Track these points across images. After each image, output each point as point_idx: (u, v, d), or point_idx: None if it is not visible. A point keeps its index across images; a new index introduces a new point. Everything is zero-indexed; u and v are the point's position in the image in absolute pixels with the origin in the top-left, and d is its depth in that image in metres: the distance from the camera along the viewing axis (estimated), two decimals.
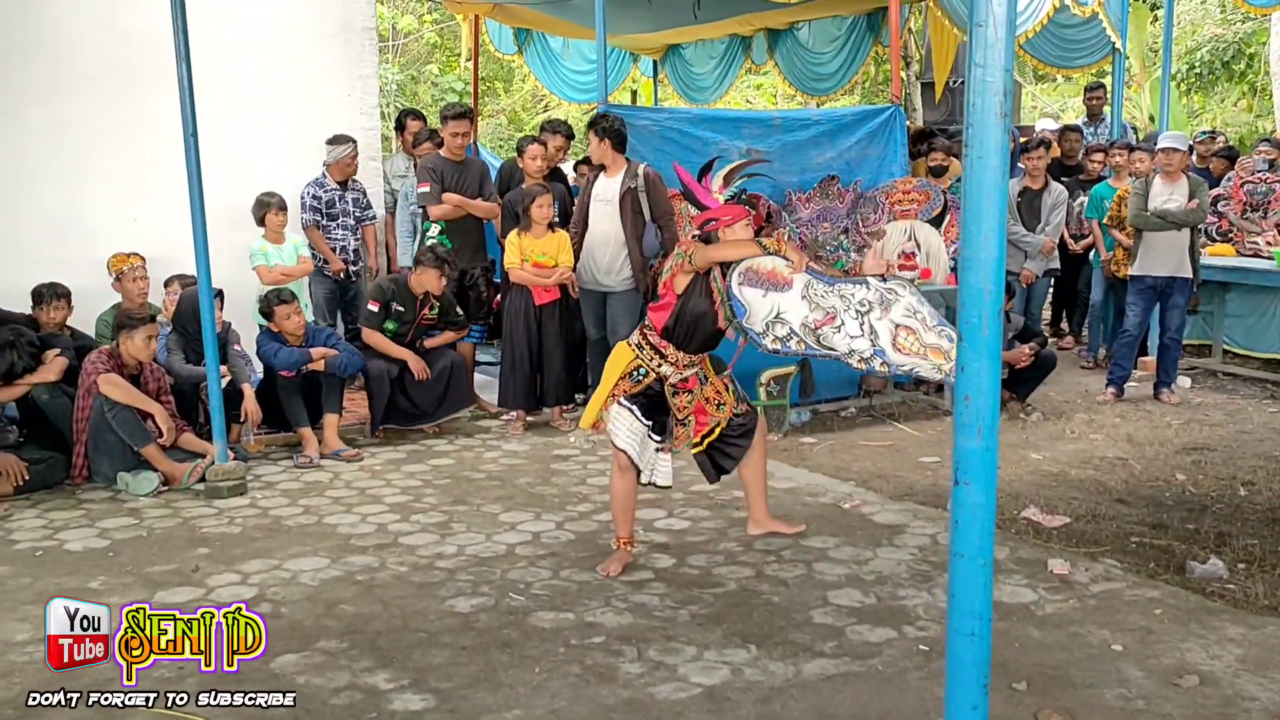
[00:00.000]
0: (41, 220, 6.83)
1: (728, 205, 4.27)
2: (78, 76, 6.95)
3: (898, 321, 3.94)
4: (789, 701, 3.19)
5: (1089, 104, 10.55)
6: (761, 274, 4.11)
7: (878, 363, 3.97)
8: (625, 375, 4.26)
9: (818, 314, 4.04)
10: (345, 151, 7.23)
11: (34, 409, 5.62)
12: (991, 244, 1.53)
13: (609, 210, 6.51)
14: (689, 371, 4.31)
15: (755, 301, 4.10)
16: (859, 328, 3.98)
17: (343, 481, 5.62)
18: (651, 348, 4.26)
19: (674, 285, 4.23)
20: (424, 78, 20.57)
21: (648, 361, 4.25)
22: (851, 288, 4.04)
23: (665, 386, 4.29)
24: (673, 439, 4.34)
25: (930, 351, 3.89)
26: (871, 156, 7.71)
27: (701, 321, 4.21)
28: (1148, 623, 3.72)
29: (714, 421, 4.39)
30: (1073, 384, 7.85)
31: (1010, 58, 1.50)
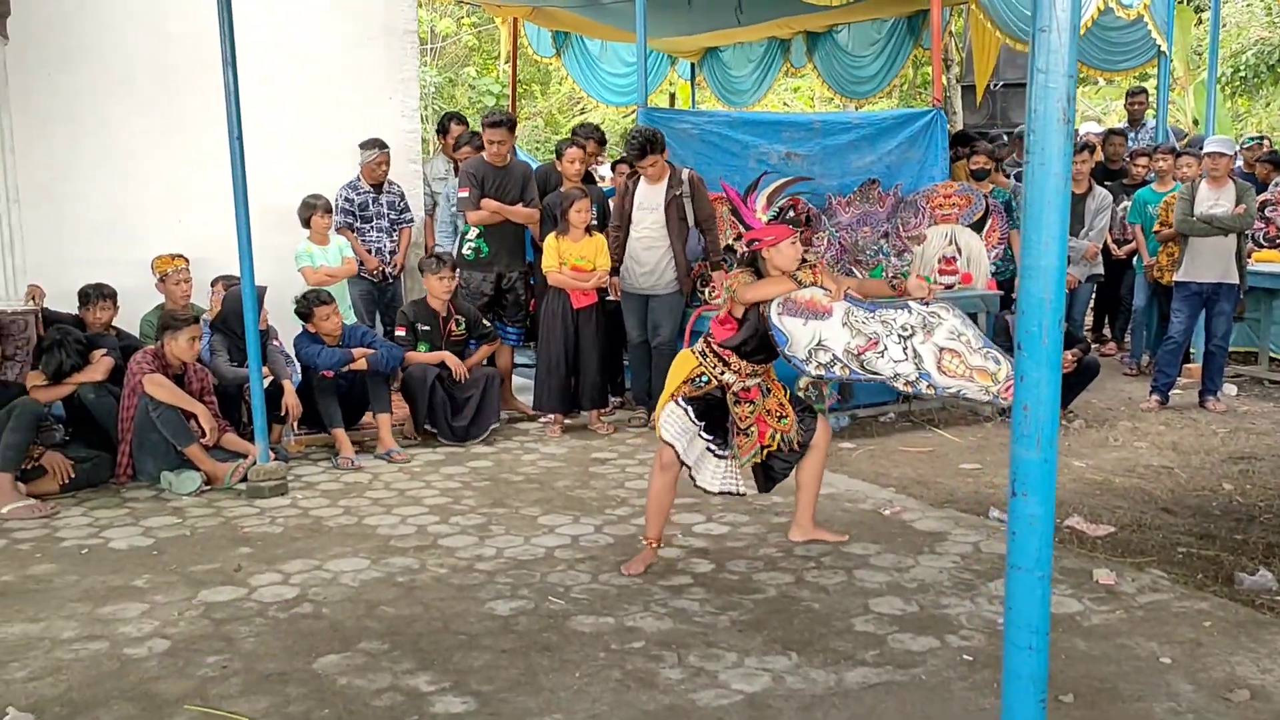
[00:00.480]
0: (87, 222, 6.93)
1: (772, 225, 4.26)
2: (123, 79, 7.04)
3: (942, 345, 3.96)
4: (831, 710, 3.17)
5: (1130, 109, 10.42)
6: (800, 303, 4.13)
7: (923, 385, 3.99)
8: (688, 380, 4.28)
9: (860, 340, 4.06)
10: (371, 156, 7.30)
11: (80, 408, 5.69)
12: (1052, 251, 1.51)
13: (655, 216, 6.53)
14: (751, 381, 4.32)
15: (796, 330, 4.12)
16: (902, 352, 4.00)
17: (382, 483, 5.65)
18: (715, 355, 4.28)
19: (734, 313, 4.26)
20: (461, 80, 20.68)
21: (711, 369, 4.28)
22: (893, 313, 4.06)
23: (727, 395, 4.30)
24: (736, 449, 4.33)
25: (976, 373, 3.89)
26: (912, 160, 7.68)
27: (767, 340, 4.23)
28: (1196, 635, 3.66)
29: (774, 434, 4.37)
30: (1115, 391, 7.75)
31: (1074, 63, 1.47)
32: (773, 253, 4.21)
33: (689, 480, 4.31)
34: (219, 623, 3.83)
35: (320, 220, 6.92)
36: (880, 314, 4.07)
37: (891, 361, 4.01)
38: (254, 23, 6.50)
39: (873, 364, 4.04)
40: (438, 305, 6.55)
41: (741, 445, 4.35)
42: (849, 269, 7.35)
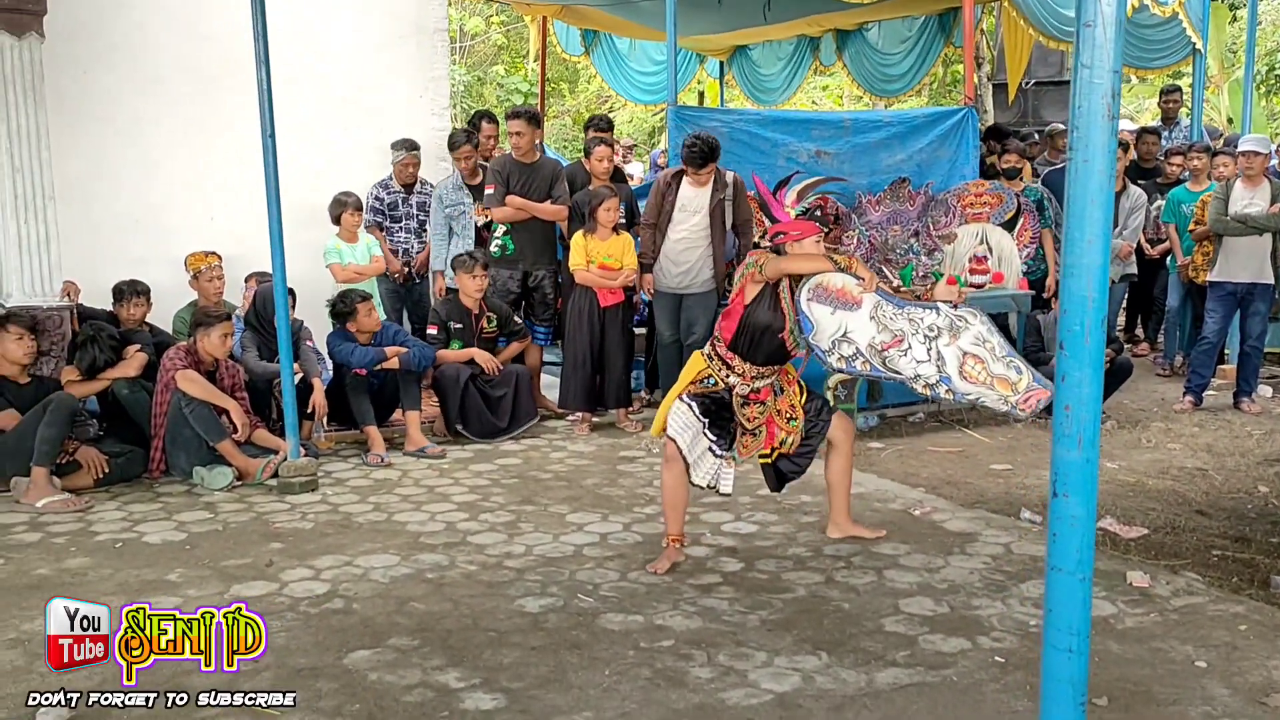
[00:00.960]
0: (121, 219, 7.00)
1: (799, 220, 4.26)
2: (157, 78, 7.10)
3: (966, 349, 3.94)
4: (862, 711, 3.15)
5: (1164, 107, 10.31)
6: (831, 291, 4.11)
7: (943, 389, 3.98)
8: (695, 381, 4.29)
9: (885, 336, 4.04)
10: (399, 157, 7.33)
11: (114, 403, 5.75)
12: (1096, 249, 1.49)
13: (698, 219, 6.54)
14: (760, 383, 4.31)
15: (823, 319, 4.10)
16: (926, 353, 3.99)
17: (411, 480, 5.67)
18: (720, 359, 4.28)
19: (744, 294, 4.24)
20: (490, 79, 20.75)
21: (716, 372, 4.28)
22: (921, 312, 4.03)
23: (734, 397, 4.29)
24: (739, 448, 4.35)
25: (997, 382, 3.88)
26: (943, 159, 7.63)
27: (766, 334, 4.21)
28: (1232, 638, 3.62)
29: (783, 435, 4.38)
30: (1148, 392, 7.68)
31: (1119, 57, 1.46)
32: (796, 248, 4.20)
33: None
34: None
35: (350, 218, 6.95)
36: (908, 311, 4.05)
37: (914, 361, 4.00)
38: (285, 22, 6.54)
39: (895, 362, 4.03)
40: (470, 303, 6.57)
41: (747, 445, 4.35)
42: (879, 268, 7.31)
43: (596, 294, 6.59)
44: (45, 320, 5.97)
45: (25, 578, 4.28)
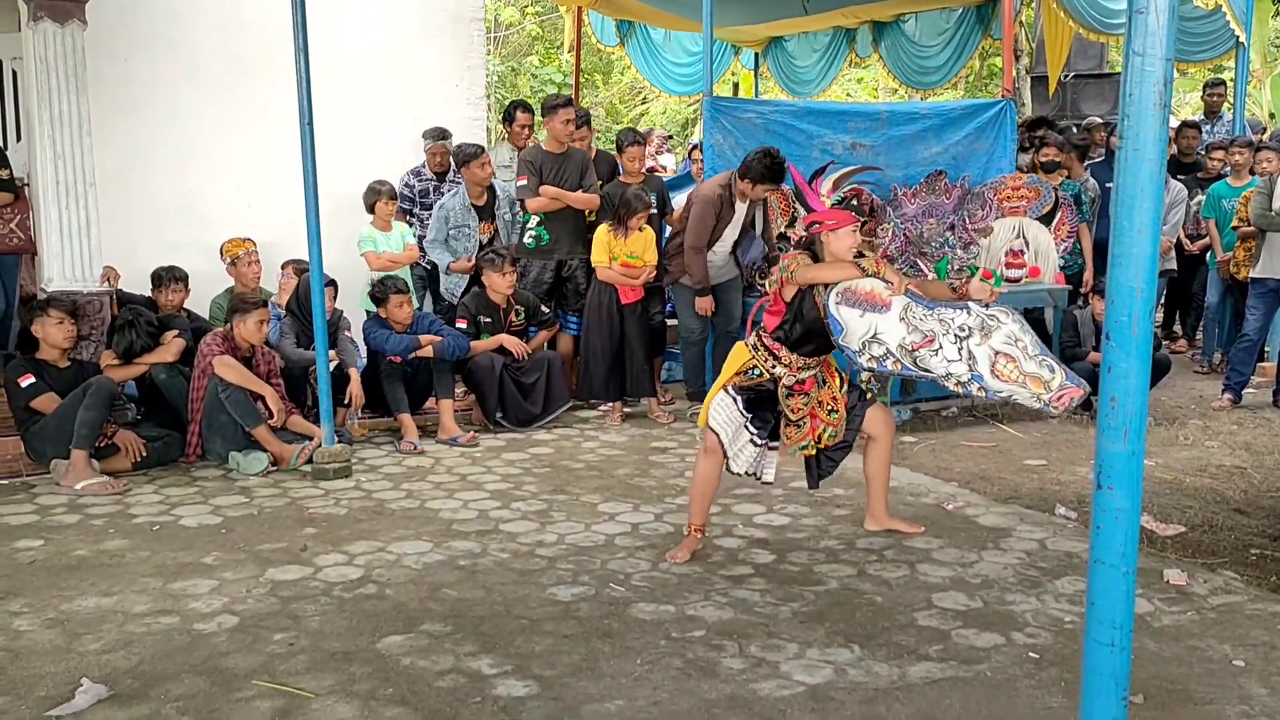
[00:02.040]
0: (159, 206, 7.06)
1: (834, 210, 4.24)
2: (195, 67, 7.16)
3: (998, 349, 3.95)
4: (894, 704, 3.14)
5: (1208, 100, 10.18)
6: (860, 295, 4.13)
7: (975, 387, 3.99)
8: (740, 372, 4.29)
9: (915, 336, 4.05)
10: (428, 145, 7.34)
11: (152, 388, 5.81)
12: (1145, 239, 1.47)
13: (735, 227, 6.57)
14: (805, 374, 4.30)
15: (852, 321, 4.11)
16: (957, 352, 4.00)
17: (444, 467, 5.70)
18: (766, 350, 4.28)
19: (783, 295, 4.25)
20: (524, 69, 20.75)
21: (762, 363, 4.28)
22: (952, 312, 4.03)
23: (779, 388, 4.29)
24: (784, 439, 4.35)
25: (1030, 380, 3.89)
26: (980, 152, 7.56)
27: (813, 329, 4.23)
28: (1271, 638, 3.57)
29: (824, 427, 4.37)
30: (1186, 389, 7.59)
31: (1171, 45, 1.43)
32: (831, 237, 4.19)
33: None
34: (286, 601, 3.89)
35: (385, 206, 6.98)
36: (938, 312, 4.04)
37: (945, 360, 4.00)
38: (324, 10, 6.58)
39: (926, 361, 4.04)
40: (498, 299, 6.59)
41: (791, 437, 4.34)
42: (914, 260, 7.27)
43: (617, 290, 6.60)
44: (85, 305, 6.04)
45: (64, 559, 4.34)
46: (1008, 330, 3.94)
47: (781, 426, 4.33)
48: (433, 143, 7.39)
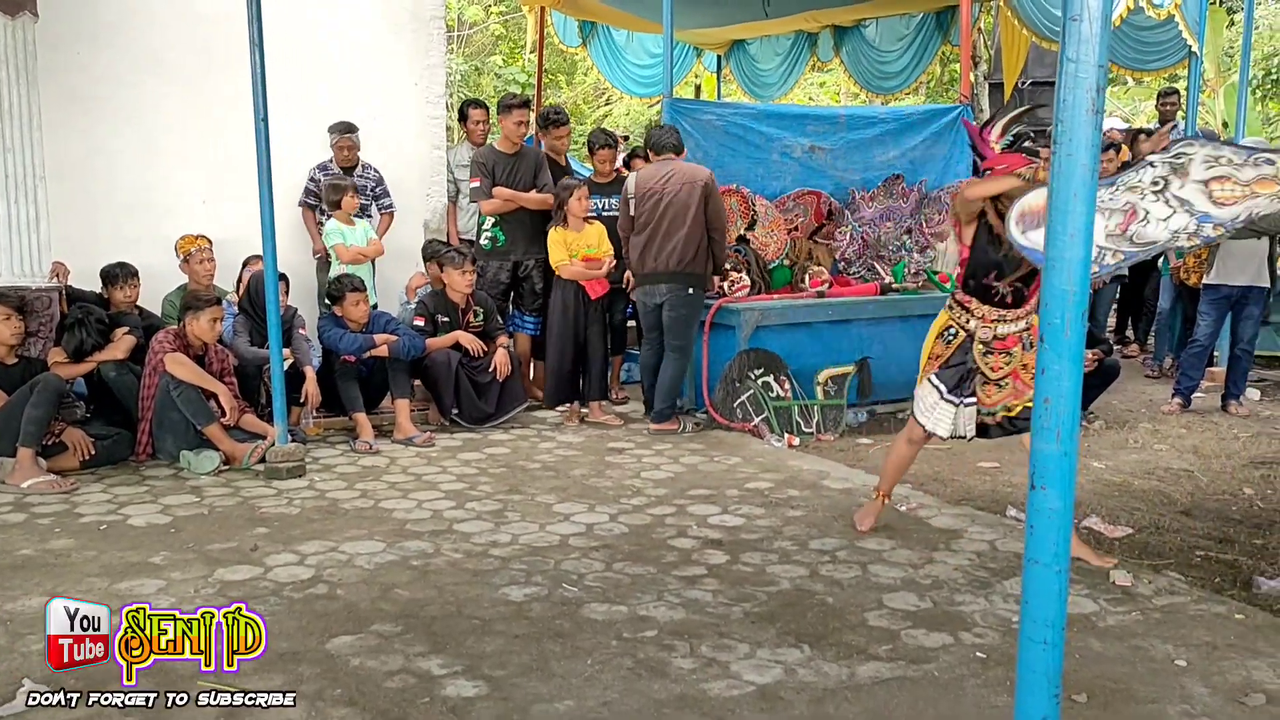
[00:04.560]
0: (113, 200, 6.96)
1: (1005, 154, 4.19)
2: (152, 59, 7.06)
3: (1204, 178, 3.56)
4: (842, 704, 3.16)
5: (1162, 109, 10.32)
6: (1038, 211, 3.75)
7: (1209, 229, 3.58)
8: (939, 335, 4.25)
9: (1116, 219, 3.66)
10: (335, 139, 7.23)
11: (102, 386, 5.74)
12: (1078, 244, 1.50)
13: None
14: (1004, 329, 4.21)
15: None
16: (1166, 206, 3.60)
17: (399, 467, 5.67)
18: (959, 305, 4.25)
19: (963, 238, 4.20)
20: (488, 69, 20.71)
21: (957, 319, 4.24)
22: (1135, 175, 3.65)
23: (975, 345, 4.23)
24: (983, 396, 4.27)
25: (1257, 185, 3.51)
26: (937, 156, 7.64)
27: (999, 270, 4.13)
28: (1213, 638, 3.63)
29: (1028, 393, 4.22)
30: (1137, 393, 7.70)
31: (1104, 52, 1.46)
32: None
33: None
34: (234, 601, 3.85)
35: (350, 201, 6.92)
36: (1124, 181, 3.66)
37: (1159, 222, 3.60)
38: (282, 6, 6.52)
39: (1143, 235, 3.62)
40: (457, 298, 6.56)
41: (990, 395, 4.25)
42: (871, 263, 7.33)
43: (584, 287, 6.59)
44: (34, 301, 5.95)
45: (9, 558, 4.27)
46: (1202, 155, 3.57)
47: (979, 385, 4.24)
48: (339, 136, 7.28)
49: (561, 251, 6.55)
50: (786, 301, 6.82)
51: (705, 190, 6.24)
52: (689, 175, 6.27)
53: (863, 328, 6.90)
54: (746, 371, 6.43)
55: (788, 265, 7.21)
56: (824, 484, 5.40)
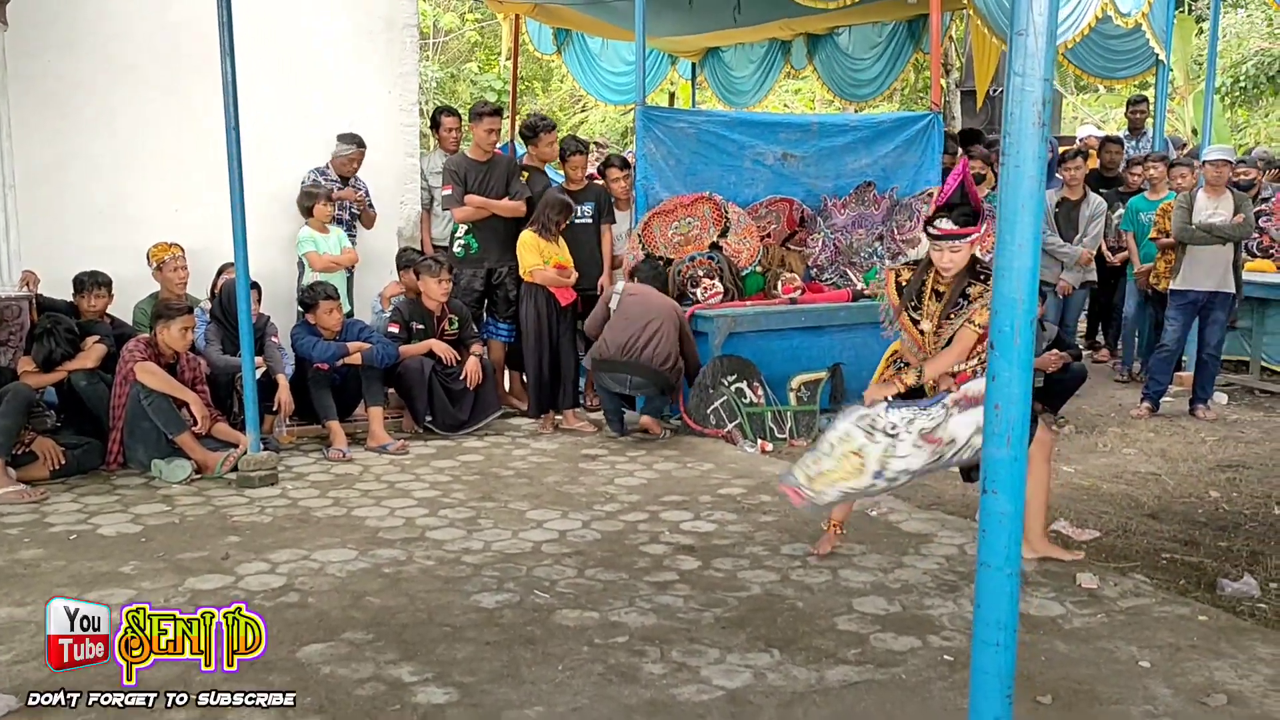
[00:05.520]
0: (84, 208, 6.92)
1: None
2: (124, 66, 7.03)
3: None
4: (811, 708, 3.18)
5: (1131, 117, 10.45)
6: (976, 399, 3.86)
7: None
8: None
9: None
10: (346, 151, 7.24)
11: (72, 395, 5.70)
12: (1026, 253, 1.53)
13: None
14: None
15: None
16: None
17: (372, 475, 5.67)
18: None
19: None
20: (463, 76, 20.69)
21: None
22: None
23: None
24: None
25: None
26: (908, 163, 7.70)
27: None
28: (1176, 640, 3.68)
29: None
30: (1106, 398, 7.78)
31: (1050, 67, 1.49)
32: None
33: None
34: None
35: (323, 209, 6.90)
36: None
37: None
38: (255, 14, 6.50)
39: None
40: (433, 306, 6.57)
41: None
42: (843, 270, 7.38)
43: (555, 294, 6.62)
44: (4, 310, 5.91)
45: None
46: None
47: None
48: (355, 149, 7.27)
49: (535, 256, 6.57)
50: (759, 308, 6.86)
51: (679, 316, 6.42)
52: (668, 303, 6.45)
53: (835, 334, 6.94)
54: (720, 378, 6.46)
55: (760, 272, 7.25)
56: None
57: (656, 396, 6.41)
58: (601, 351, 6.27)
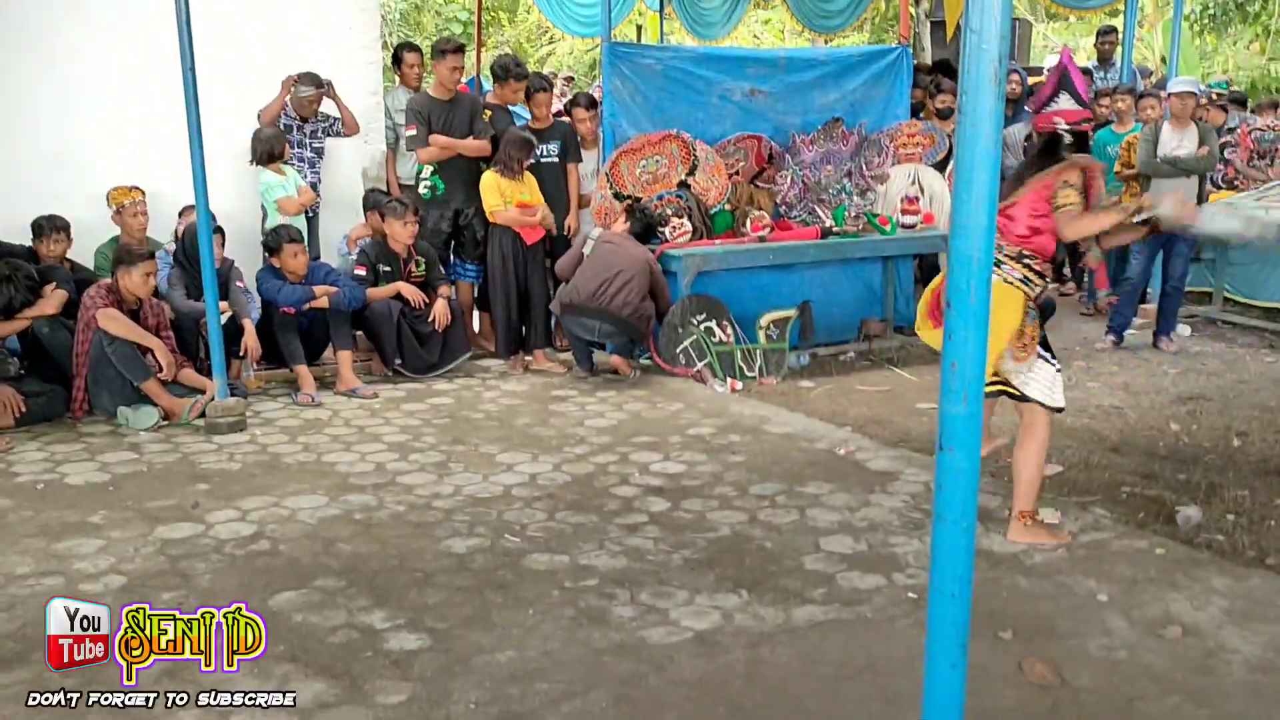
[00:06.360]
0: (40, 152, 6.76)
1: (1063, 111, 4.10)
2: (68, 6, 6.83)
3: None
4: (777, 647, 3.24)
5: (1100, 48, 10.40)
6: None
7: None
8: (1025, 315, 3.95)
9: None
10: (306, 93, 7.09)
11: (35, 342, 5.64)
12: (982, 211, 1.53)
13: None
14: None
15: None
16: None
17: (342, 419, 5.66)
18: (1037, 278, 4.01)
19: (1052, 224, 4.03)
20: (428, 6, 20.29)
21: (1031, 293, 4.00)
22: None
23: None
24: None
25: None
26: (877, 98, 7.65)
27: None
28: (1134, 573, 3.76)
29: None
30: (1073, 331, 7.85)
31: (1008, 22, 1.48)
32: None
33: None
34: (175, 559, 3.86)
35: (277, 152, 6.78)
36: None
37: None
38: None
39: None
40: (399, 248, 6.51)
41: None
42: (812, 207, 7.36)
43: (521, 234, 6.58)
44: None
45: None
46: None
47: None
48: (312, 91, 7.11)
49: (496, 196, 6.53)
50: (728, 247, 6.84)
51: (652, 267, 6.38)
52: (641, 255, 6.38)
53: (804, 272, 6.95)
54: (689, 317, 6.47)
55: (729, 210, 7.22)
56: (765, 429, 5.47)
57: (625, 345, 6.41)
58: (571, 296, 6.25)
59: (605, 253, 6.27)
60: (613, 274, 6.16)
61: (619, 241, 6.35)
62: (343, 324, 6.25)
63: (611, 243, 6.33)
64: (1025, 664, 3.13)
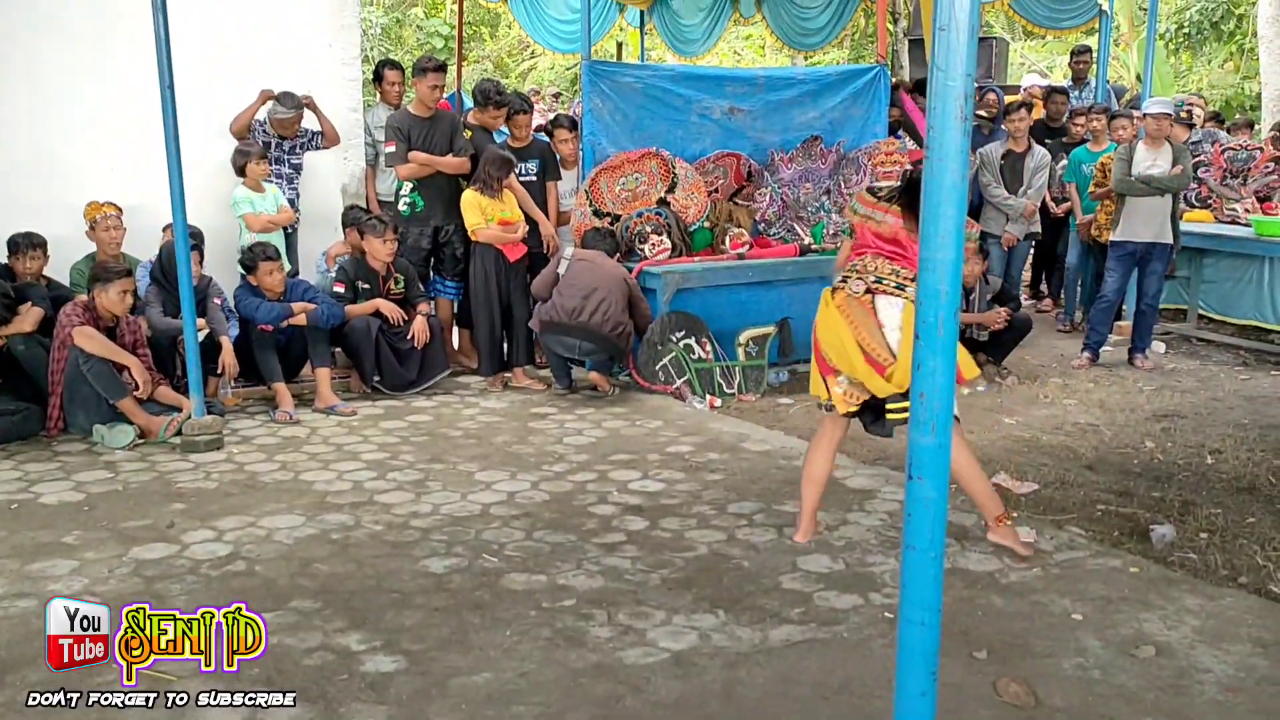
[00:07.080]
0: (14, 166, 6.73)
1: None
2: (54, 18, 6.82)
3: None
4: (754, 668, 3.25)
5: (1075, 67, 10.52)
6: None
7: None
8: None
9: None
10: (286, 115, 7.07)
11: (10, 360, 5.60)
12: (949, 245, 1.55)
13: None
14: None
15: None
16: None
17: (320, 437, 5.64)
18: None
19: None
20: (409, 21, 20.31)
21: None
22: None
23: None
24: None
25: None
26: (855, 117, 7.71)
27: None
28: (1108, 592, 3.79)
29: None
30: (1049, 348, 7.91)
31: (972, 62, 1.50)
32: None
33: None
34: (150, 580, 3.84)
35: (256, 167, 6.76)
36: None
37: None
38: None
39: None
40: (378, 265, 6.50)
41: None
42: (791, 225, 7.40)
43: (502, 250, 6.59)
44: None
45: None
46: None
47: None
48: (294, 112, 7.10)
49: (477, 215, 6.54)
50: (707, 264, 6.87)
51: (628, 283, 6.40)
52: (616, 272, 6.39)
53: (783, 289, 6.98)
54: (668, 334, 6.49)
55: (708, 227, 7.25)
56: (744, 446, 5.49)
57: (605, 362, 6.43)
58: (551, 315, 6.26)
59: (581, 270, 6.29)
60: (589, 292, 6.18)
61: (594, 259, 6.36)
62: (321, 341, 6.24)
63: (586, 260, 6.35)
64: (1000, 684, 3.14)
